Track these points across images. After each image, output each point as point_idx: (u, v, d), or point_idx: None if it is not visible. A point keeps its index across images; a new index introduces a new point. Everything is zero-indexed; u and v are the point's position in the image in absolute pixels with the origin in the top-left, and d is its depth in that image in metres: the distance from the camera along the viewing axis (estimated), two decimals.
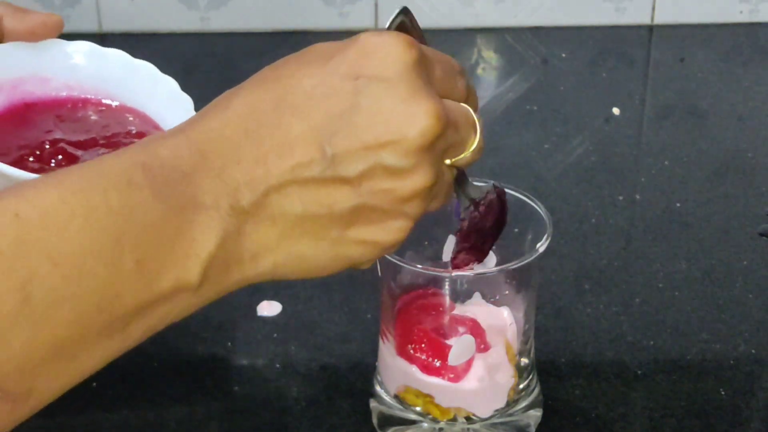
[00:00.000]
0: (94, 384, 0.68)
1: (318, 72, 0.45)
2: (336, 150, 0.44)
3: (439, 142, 0.46)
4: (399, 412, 0.62)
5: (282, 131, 0.44)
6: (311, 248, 0.45)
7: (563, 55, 1.11)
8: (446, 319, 0.61)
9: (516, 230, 0.62)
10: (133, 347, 0.41)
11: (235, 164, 0.43)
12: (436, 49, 0.48)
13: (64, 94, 0.59)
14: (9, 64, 0.56)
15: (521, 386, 0.62)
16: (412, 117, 0.44)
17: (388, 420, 0.63)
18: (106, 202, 0.39)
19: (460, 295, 0.61)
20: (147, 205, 0.40)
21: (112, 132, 0.57)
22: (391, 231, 0.46)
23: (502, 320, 0.61)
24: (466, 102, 0.49)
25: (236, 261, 0.43)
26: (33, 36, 0.56)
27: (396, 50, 0.44)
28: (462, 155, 0.48)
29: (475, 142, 0.49)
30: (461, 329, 0.60)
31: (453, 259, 0.59)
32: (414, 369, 0.60)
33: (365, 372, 0.67)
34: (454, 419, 0.61)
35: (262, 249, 0.44)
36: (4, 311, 0.36)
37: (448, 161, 0.48)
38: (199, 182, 0.42)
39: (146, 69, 0.60)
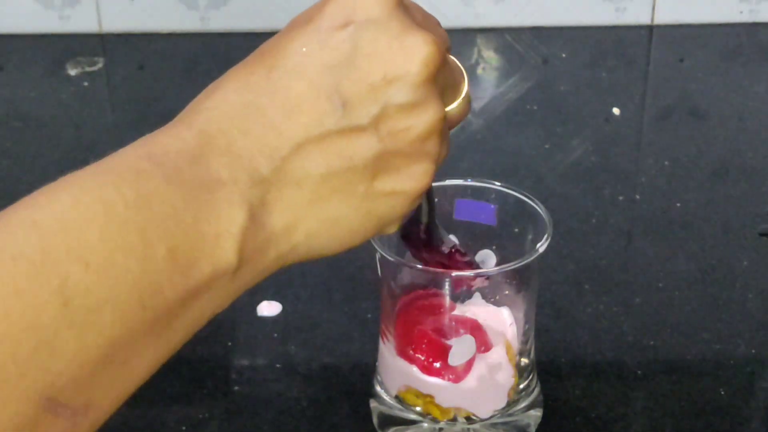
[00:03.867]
0: None
1: (302, 33, 0.44)
2: (345, 98, 0.43)
3: (439, 76, 0.45)
4: (399, 412, 0.62)
5: (281, 94, 0.43)
6: (341, 208, 0.44)
7: (563, 55, 1.11)
8: (446, 319, 0.61)
9: (516, 230, 0.62)
10: (176, 349, 0.40)
11: (243, 136, 0.42)
12: None
13: None
14: None
15: (521, 386, 0.62)
16: (412, 50, 0.44)
17: (389, 420, 0.63)
18: (120, 196, 0.38)
19: (461, 296, 0.61)
20: (162, 192, 0.39)
21: None
22: (416, 176, 0.45)
23: (502, 320, 0.61)
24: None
25: (269, 235, 0.42)
26: None
27: None
28: (455, 102, 0.48)
29: (464, 89, 0.48)
30: (461, 329, 0.60)
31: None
32: (414, 369, 0.60)
33: (365, 372, 0.67)
34: (455, 419, 0.61)
35: (293, 218, 0.43)
36: (47, 318, 0.35)
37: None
38: (210, 161, 0.41)
39: None
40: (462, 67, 0.49)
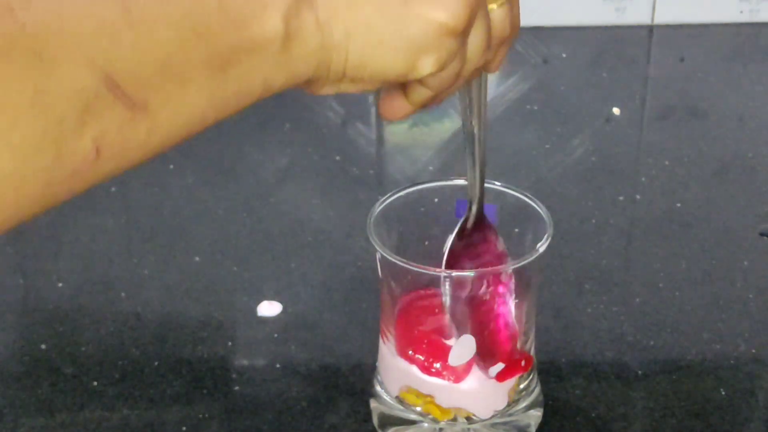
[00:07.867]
0: (95, 383, 0.68)
1: None
2: None
3: None
4: (399, 412, 0.62)
5: None
6: (374, 17, 0.46)
7: (563, 55, 1.11)
8: (446, 319, 0.61)
9: (516, 230, 0.62)
10: (227, 108, 0.42)
11: None
12: None
13: None
14: None
15: (521, 386, 0.62)
16: None
17: (389, 420, 0.63)
18: None
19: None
20: None
21: None
22: (447, 6, 0.46)
23: None
24: None
25: (312, 22, 0.44)
26: None
27: None
28: None
29: None
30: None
31: None
32: (414, 369, 0.60)
33: (365, 372, 0.67)
34: (455, 419, 0.61)
35: (332, 13, 0.45)
36: (110, 18, 0.38)
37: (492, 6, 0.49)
38: None
39: None
40: None
